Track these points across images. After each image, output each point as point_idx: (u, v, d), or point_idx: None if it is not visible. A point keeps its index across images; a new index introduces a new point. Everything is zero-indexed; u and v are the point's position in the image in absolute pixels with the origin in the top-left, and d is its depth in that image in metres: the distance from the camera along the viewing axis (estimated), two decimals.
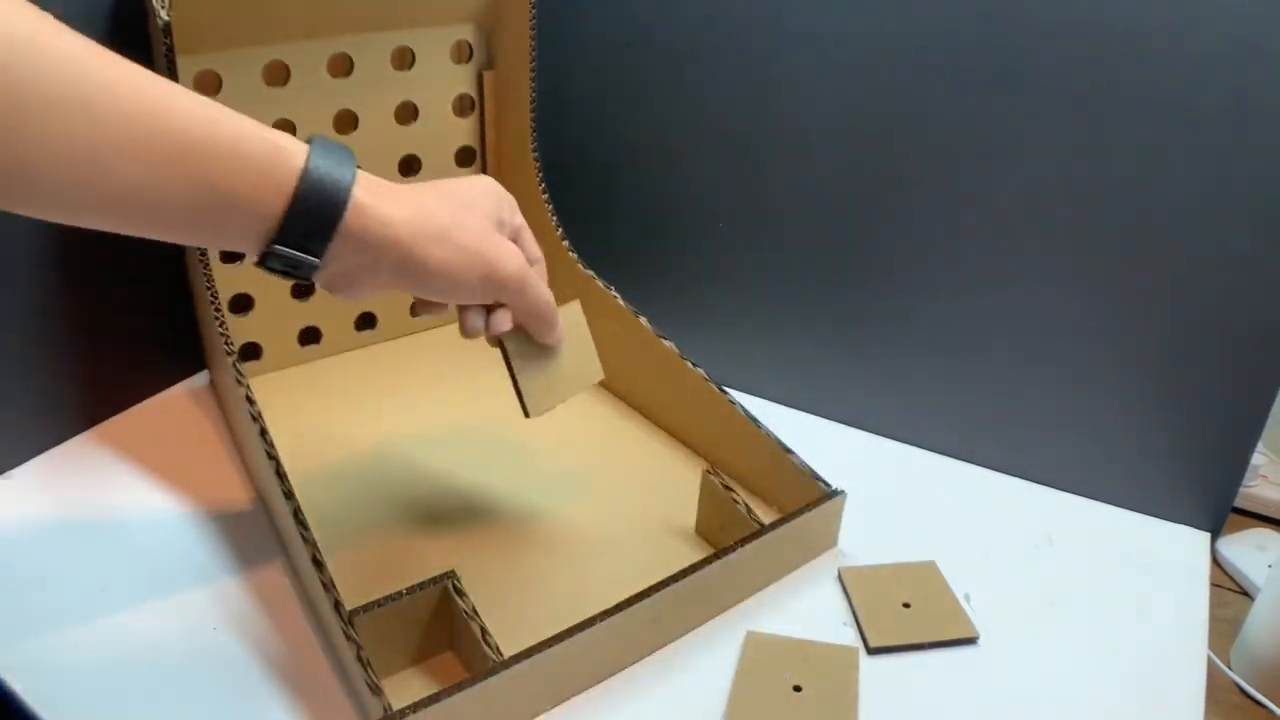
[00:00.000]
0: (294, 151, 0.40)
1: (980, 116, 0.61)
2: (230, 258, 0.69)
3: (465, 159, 0.79)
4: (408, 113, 0.74)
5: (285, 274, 0.42)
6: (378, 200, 0.42)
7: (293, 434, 0.59)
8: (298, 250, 0.41)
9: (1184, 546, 0.62)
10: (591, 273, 0.72)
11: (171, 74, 0.56)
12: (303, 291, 0.74)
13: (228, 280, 0.70)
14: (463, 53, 0.76)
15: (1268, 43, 0.52)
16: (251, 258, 0.42)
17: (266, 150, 0.39)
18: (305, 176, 0.40)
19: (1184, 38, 0.54)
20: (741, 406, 0.63)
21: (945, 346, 0.68)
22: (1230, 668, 0.56)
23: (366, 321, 0.79)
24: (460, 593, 0.50)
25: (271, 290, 0.72)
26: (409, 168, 0.76)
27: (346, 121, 0.72)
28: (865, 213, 0.67)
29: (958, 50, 0.60)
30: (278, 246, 0.40)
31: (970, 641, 0.54)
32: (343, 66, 0.70)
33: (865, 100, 0.64)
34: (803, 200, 0.69)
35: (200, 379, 0.74)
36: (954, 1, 0.59)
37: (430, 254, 0.44)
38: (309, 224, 0.40)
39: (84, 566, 0.56)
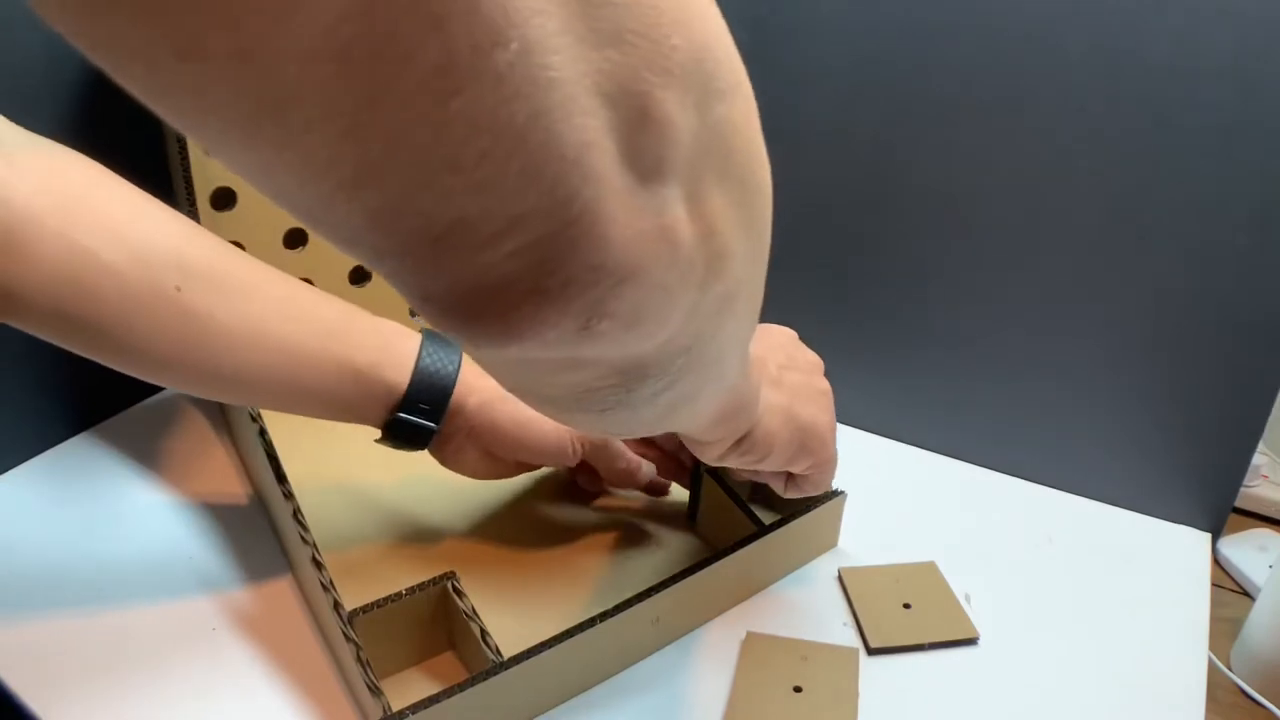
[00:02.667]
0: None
1: (979, 117, 0.61)
2: None
3: None
4: None
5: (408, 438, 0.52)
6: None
7: (292, 435, 0.59)
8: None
9: (1184, 547, 0.62)
10: None
11: None
12: None
13: None
14: None
15: (1268, 44, 0.52)
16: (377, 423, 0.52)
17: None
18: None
19: (1184, 37, 0.54)
20: None
21: (945, 346, 0.68)
22: (1230, 668, 0.56)
23: None
24: (460, 593, 0.50)
25: None
26: None
27: None
28: (865, 213, 0.67)
29: (956, 52, 0.60)
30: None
31: (970, 642, 0.54)
32: None
33: (863, 101, 0.64)
34: (801, 201, 0.69)
35: None
36: (954, 3, 0.59)
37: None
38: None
39: (84, 566, 0.56)
